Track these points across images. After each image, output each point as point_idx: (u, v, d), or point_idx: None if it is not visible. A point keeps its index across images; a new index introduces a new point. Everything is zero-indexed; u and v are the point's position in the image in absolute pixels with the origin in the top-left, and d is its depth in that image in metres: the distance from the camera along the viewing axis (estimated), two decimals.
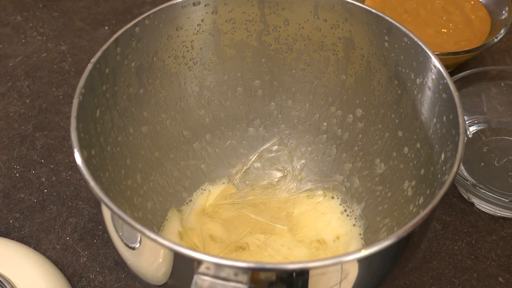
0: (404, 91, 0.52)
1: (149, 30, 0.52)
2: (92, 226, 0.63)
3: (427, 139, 0.50)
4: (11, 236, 0.62)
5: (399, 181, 0.55)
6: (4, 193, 0.66)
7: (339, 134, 0.60)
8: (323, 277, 0.39)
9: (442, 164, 0.47)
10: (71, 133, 0.44)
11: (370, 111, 0.57)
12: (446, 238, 0.62)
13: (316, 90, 0.60)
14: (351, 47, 0.55)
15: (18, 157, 0.69)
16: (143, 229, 0.38)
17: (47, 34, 0.82)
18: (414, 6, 0.77)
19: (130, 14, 0.84)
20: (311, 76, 0.59)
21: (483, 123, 0.69)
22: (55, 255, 0.61)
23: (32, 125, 0.71)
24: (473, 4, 0.77)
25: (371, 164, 0.59)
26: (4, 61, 0.78)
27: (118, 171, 0.53)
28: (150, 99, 0.55)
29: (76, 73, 0.77)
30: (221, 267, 0.37)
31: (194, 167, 0.61)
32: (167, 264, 0.40)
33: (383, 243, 0.38)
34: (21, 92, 0.75)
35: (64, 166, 0.68)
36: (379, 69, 0.54)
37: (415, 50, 0.50)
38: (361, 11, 0.52)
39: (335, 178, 0.62)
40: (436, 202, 0.40)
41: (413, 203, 0.52)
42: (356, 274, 0.40)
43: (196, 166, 0.61)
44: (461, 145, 0.43)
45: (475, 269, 0.60)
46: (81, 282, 0.59)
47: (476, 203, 0.64)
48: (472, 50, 0.70)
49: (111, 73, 0.50)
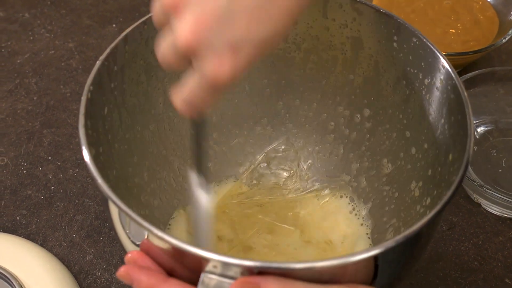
0: (412, 91, 0.52)
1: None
2: (99, 224, 0.63)
3: (435, 140, 0.50)
4: (18, 233, 0.63)
5: (406, 182, 0.55)
6: (11, 190, 0.66)
7: (346, 134, 0.60)
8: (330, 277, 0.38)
9: (450, 164, 0.46)
10: (79, 130, 0.44)
11: (378, 111, 0.57)
12: (452, 239, 0.62)
13: (324, 90, 0.59)
14: (359, 46, 0.55)
15: (26, 154, 0.69)
16: (150, 226, 0.38)
17: (55, 31, 0.82)
18: (422, 6, 0.77)
19: (138, 12, 0.84)
20: (319, 75, 0.59)
21: (490, 123, 0.69)
22: (61, 252, 0.61)
23: (40, 122, 0.72)
24: (481, 4, 0.77)
25: (378, 164, 0.58)
26: (12, 58, 0.78)
27: (126, 169, 0.53)
28: (158, 97, 0.55)
29: (84, 71, 0.77)
30: (228, 265, 0.37)
31: None
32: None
33: (390, 244, 0.38)
34: (29, 89, 0.75)
35: (71, 163, 0.68)
36: (387, 69, 0.54)
37: (423, 50, 0.50)
38: (370, 10, 0.52)
39: (342, 178, 0.62)
40: (443, 203, 0.40)
41: (420, 203, 0.52)
42: (363, 275, 0.40)
43: None
44: (469, 146, 0.43)
45: (482, 270, 0.60)
46: (87, 279, 0.60)
47: (483, 204, 0.63)
48: (480, 51, 0.70)
49: (120, 71, 0.50)
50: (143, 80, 0.53)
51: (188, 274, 0.39)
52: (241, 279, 0.37)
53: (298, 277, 0.37)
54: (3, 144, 0.69)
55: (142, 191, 0.56)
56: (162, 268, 0.40)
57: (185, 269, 0.39)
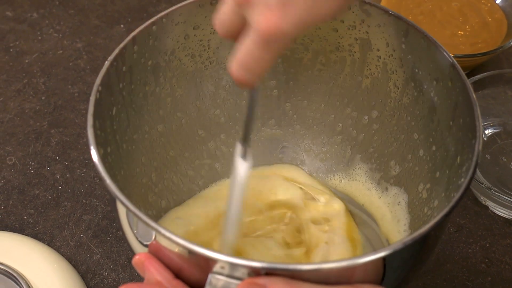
0: (421, 93, 0.52)
1: (166, 28, 0.52)
2: (106, 224, 0.63)
3: (443, 142, 0.50)
4: (26, 233, 0.63)
5: (414, 184, 0.55)
6: (19, 190, 0.66)
7: (354, 135, 0.60)
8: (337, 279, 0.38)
9: (458, 167, 0.46)
10: (88, 130, 0.44)
11: (386, 112, 0.57)
12: (460, 241, 0.62)
13: (331, 91, 0.59)
14: (367, 48, 0.55)
15: (33, 154, 0.69)
16: (158, 227, 0.38)
17: (63, 31, 0.82)
18: (430, 8, 0.77)
19: (146, 12, 0.84)
20: (327, 77, 0.59)
21: (498, 126, 0.69)
22: (68, 252, 0.61)
23: (48, 122, 0.72)
24: (489, 6, 0.77)
25: (386, 166, 0.58)
26: (20, 58, 0.78)
27: (133, 169, 0.53)
28: (166, 97, 0.56)
29: (92, 71, 0.77)
30: (235, 266, 0.37)
31: (209, 166, 0.61)
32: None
33: (398, 246, 0.38)
34: (37, 88, 0.75)
35: (78, 163, 0.68)
36: (396, 71, 0.54)
37: (432, 52, 0.50)
38: (379, 12, 0.52)
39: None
40: (451, 205, 0.40)
41: (427, 205, 0.52)
42: (370, 277, 0.40)
43: (210, 165, 0.61)
44: (478, 149, 0.43)
45: (489, 272, 0.60)
46: (94, 279, 0.60)
47: (491, 206, 0.63)
48: (488, 53, 0.70)
49: (128, 71, 0.50)
50: (151, 81, 0.53)
51: (196, 275, 0.39)
52: (248, 280, 0.37)
53: (305, 278, 0.37)
54: (11, 144, 0.70)
55: (149, 191, 0.56)
56: (170, 269, 0.40)
57: (193, 269, 0.39)
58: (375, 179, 0.59)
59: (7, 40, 0.80)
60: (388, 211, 0.58)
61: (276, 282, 0.36)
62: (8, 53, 0.79)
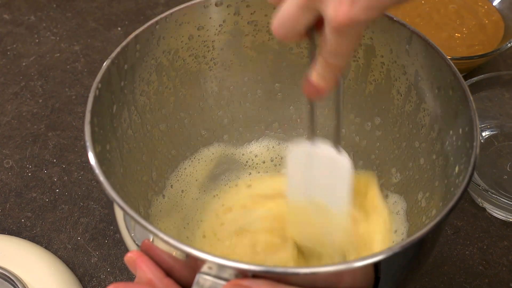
0: (423, 101, 0.52)
1: (170, 28, 0.52)
2: (103, 226, 0.63)
3: (443, 151, 0.50)
4: (23, 235, 0.63)
5: (414, 192, 0.54)
6: (16, 192, 0.66)
7: (356, 141, 0.60)
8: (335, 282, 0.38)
9: (456, 177, 0.46)
10: (85, 126, 0.43)
11: (389, 119, 0.56)
12: (457, 243, 0.62)
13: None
14: (371, 54, 0.54)
15: (31, 157, 0.69)
16: (156, 230, 0.38)
17: (61, 34, 0.82)
18: (427, 10, 0.77)
19: (143, 15, 0.84)
20: None
21: (495, 128, 0.69)
22: (66, 254, 0.61)
23: (45, 125, 0.72)
24: (486, 8, 0.77)
25: (387, 173, 0.58)
26: (18, 61, 0.78)
27: (134, 167, 0.53)
28: (169, 97, 0.55)
29: (89, 73, 0.77)
30: (223, 267, 0.37)
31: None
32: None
33: (395, 249, 0.38)
34: (34, 91, 0.75)
35: (76, 166, 0.68)
36: (399, 78, 0.54)
37: (435, 60, 0.49)
38: (383, 18, 0.51)
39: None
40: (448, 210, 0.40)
41: (425, 214, 0.51)
42: (368, 280, 0.40)
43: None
44: (474, 159, 0.43)
45: (486, 274, 0.60)
46: (92, 282, 0.60)
47: (488, 209, 0.63)
48: (485, 55, 0.70)
49: (130, 70, 0.50)
50: (154, 80, 0.53)
51: (186, 275, 0.40)
52: (233, 281, 0.37)
53: (293, 282, 0.37)
54: (8, 147, 0.70)
55: (149, 189, 0.56)
56: (161, 267, 0.40)
57: (183, 269, 0.40)
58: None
59: (4, 43, 0.80)
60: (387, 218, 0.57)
61: (260, 285, 0.36)
62: (5, 56, 0.79)
